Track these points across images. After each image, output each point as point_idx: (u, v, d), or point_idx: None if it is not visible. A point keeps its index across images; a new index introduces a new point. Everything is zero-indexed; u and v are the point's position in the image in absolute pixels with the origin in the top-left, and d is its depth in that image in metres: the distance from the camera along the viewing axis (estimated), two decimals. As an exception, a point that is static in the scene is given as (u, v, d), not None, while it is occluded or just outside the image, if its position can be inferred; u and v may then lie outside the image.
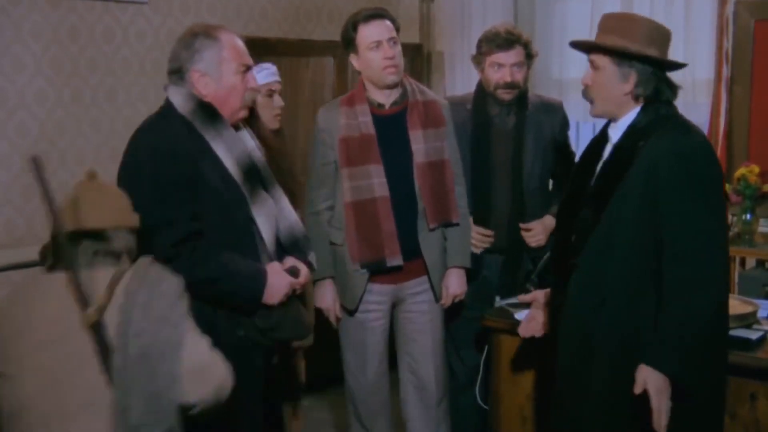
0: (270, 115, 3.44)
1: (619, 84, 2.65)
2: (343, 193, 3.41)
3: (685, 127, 2.67)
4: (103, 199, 2.26)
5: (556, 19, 5.38)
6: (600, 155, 2.76)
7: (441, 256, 3.53)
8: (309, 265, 2.92)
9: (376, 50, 3.36)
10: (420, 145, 3.43)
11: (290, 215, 2.88)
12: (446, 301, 3.55)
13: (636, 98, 2.66)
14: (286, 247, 2.86)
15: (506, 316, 3.51)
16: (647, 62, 2.63)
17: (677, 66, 2.72)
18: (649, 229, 2.56)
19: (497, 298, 3.64)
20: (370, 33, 3.37)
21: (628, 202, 2.57)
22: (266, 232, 2.77)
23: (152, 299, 2.13)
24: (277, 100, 3.46)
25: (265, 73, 3.43)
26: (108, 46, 4.09)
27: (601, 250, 2.61)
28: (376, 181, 3.38)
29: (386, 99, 3.46)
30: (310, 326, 3.31)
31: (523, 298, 3.13)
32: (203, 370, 2.19)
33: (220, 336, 2.64)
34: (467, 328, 3.73)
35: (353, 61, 3.46)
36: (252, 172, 2.77)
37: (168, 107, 2.73)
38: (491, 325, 3.53)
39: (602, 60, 2.67)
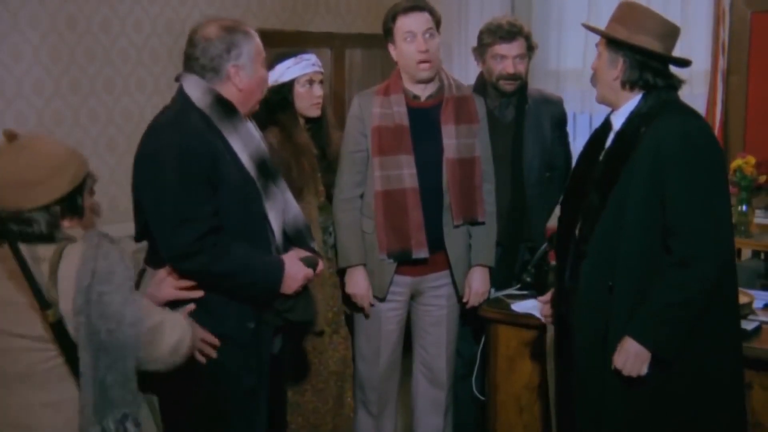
0: (308, 104, 3.48)
1: (610, 70, 2.71)
2: (374, 182, 3.42)
3: (688, 110, 2.72)
4: (19, 175, 2.19)
5: (553, 10, 5.38)
6: (603, 144, 2.79)
7: (465, 252, 3.53)
8: (316, 254, 2.96)
9: (411, 42, 3.37)
10: (452, 140, 3.43)
11: (294, 207, 2.91)
12: (469, 299, 3.56)
13: (623, 85, 2.70)
14: (291, 238, 2.89)
15: (503, 307, 3.53)
16: (637, 51, 2.66)
17: (670, 60, 2.73)
18: (655, 210, 2.59)
19: (492, 290, 3.66)
20: (405, 24, 3.38)
21: (634, 185, 2.60)
22: (276, 225, 2.80)
23: (105, 295, 2.13)
24: (316, 89, 3.47)
25: (304, 64, 3.46)
26: (106, 36, 4.09)
27: (609, 234, 2.64)
28: (407, 172, 3.39)
29: (422, 91, 3.46)
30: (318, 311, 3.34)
31: (542, 299, 3.12)
32: (155, 339, 2.24)
33: (231, 330, 2.70)
34: (464, 319, 3.74)
35: (391, 51, 3.46)
36: (263, 166, 2.78)
37: (185, 100, 2.71)
38: (488, 316, 3.55)
39: (601, 46, 2.74)
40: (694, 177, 2.57)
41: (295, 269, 2.74)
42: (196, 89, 2.70)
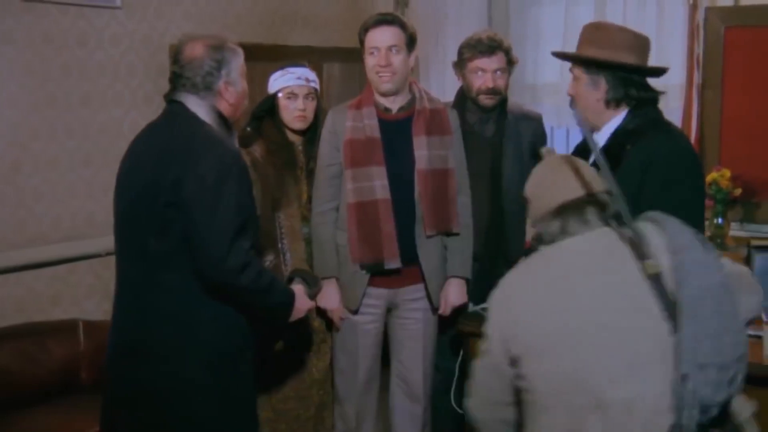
0: (290, 116, 3.53)
1: (592, 91, 2.70)
2: (346, 195, 3.42)
3: (673, 130, 2.74)
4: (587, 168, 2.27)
5: (530, 25, 5.41)
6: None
7: (439, 264, 3.53)
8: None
9: (373, 56, 3.39)
10: (423, 151, 3.44)
11: None
12: (445, 311, 3.56)
13: (607, 104, 2.69)
14: None
15: (481, 321, 3.53)
16: (617, 69, 2.66)
17: (649, 71, 2.74)
18: None
19: (470, 304, 3.65)
20: (371, 38, 3.40)
21: None
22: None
23: (688, 246, 2.14)
24: (299, 103, 3.51)
25: (288, 77, 3.52)
26: (82, 50, 4.07)
27: None
28: (378, 183, 3.40)
29: (392, 104, 3.48)
30: None
31: None
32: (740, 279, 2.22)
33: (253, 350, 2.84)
34: (442, 333, 3.73)
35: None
36: None
37: (194, 118, 2.73)
38: (466, 330, 3.55)
39: (577, 70, 2.73)
40: (678, 193, 2.59)
41: (300, 303, 2.93)
42: (199, 108, 2.75)
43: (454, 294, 3.54)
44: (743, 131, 4.73)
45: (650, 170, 2.58)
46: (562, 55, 2.85)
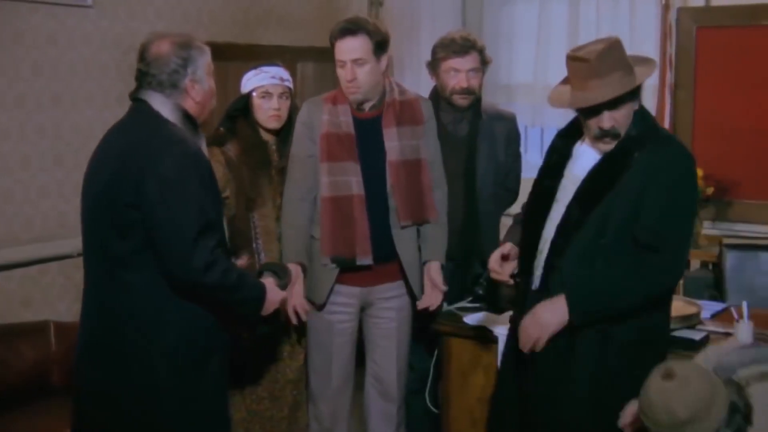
0: (265, 115, 3.52)
1: (633, 108, 2.72)
2: (321, 188, 3.41)
3: (673, 140, 2.84)
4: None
5: (504, 25, 5.42)
6: (565, 160, 2.81)
7: (417, 256, 3.52)
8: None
9: (341, 69, 3.38)
10: (394, 142, 3.43)
11: None
12: (432, 295, 3.51)
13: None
14: None
15: (455, 321, 3.54)
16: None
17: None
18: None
19: (444, 304, 3.65)
20: (338, 50, 3.38)
21: (621, 205, 2.65)
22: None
23: None
24: (273, 102, 3.50)
25: (262, 76, 3.51)
26: (53, 49, 4.04)
27: (585, 251, 2.67)
28: (354, 179, 3.39)
29: (365, 103, 3.46)
30: None
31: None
32: None
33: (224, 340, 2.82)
34: (416, 332, 3.73)
35: None
36: None
37: (157, 116, 2.71)
38: (441, 329, 3.55)
39: (630, 102, 2.71)
40: (682, 203, 2.69)
41: (272, 295, 2.88)
42: (163, 106, 2.72)
43: (437, 275, 3.51)
44: (715, 131, 4.77)
45: (657, 174, 2.64)
46: (616, 98, 2.71)
